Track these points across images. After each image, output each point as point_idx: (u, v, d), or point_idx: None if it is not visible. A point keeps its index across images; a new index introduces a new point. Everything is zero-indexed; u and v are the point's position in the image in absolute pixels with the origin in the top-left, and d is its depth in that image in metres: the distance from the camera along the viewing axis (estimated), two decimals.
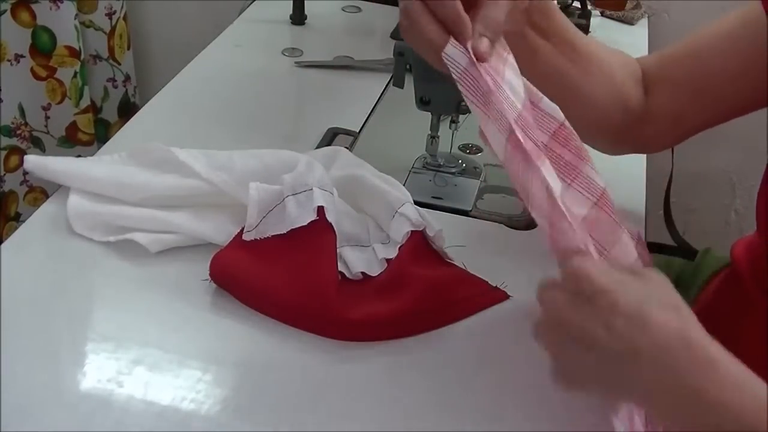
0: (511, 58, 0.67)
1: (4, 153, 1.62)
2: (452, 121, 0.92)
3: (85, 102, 1.65)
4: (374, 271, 0.76)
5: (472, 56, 0.63)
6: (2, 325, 0.69)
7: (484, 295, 0.77)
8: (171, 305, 0.73)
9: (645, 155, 0.99)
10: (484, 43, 0.64)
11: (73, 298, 0.73)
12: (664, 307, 0.52)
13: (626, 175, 0.92)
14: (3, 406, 0.62)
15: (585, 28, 1.35)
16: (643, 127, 0.82)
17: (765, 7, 0.74)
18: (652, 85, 0.82)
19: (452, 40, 0.64)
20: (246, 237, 0.76)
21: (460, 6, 0.64)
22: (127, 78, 1.76)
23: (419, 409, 0.66)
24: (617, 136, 0.84)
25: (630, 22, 1.43)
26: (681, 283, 0.98)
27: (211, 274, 0.74)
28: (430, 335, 0.73)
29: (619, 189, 0.93)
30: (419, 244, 0.77)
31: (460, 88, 0.64)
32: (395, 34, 1.28)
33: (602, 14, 1.43)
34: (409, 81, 0.92)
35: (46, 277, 0.76)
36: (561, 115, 0.66)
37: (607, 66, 0.80)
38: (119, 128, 1.01)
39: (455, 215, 0.89)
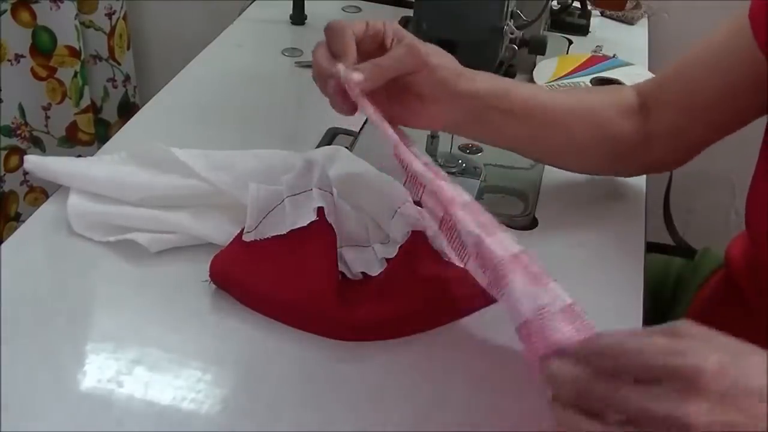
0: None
1: (4, 153, 1.63)
2: None
3: (85, 102, 1.66)
4: (374, 270, 0.76)
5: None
6: (2, 325, 0.69)
7: (484, 294, 0.77)
8: (171, 305, 0.73)
9: None
10: (355, 74, 0.70)
11: (73, 298, 0.73)
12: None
13: None
14: (3, 406, 0.62)
15: (585, 28, 1.35)
16: (648, 151, 0.85)
17: (750, 17, 0.74)
18: (651, 109, 0.83)
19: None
20: (246, 238, 0.76)
21: (348, 35, 0.72)
22: (127, 78, 1.76)
23: (419, 409, 0.66)
24: (622, 166, 0.88)
25: (630, 22, 1.43)
26: (680, 283, 0.99)
27: (210, 275, 0.74)
28: (430, 335, 0.73)
29: (619, 189, 0.94)
30: (419, 243, 0.77)
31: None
32: None
33: (602, 14, 1.43)
34: None
35: (46, 277, 0.76)
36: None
37: (584, 110, 0.84)
38: (119, 128, 1.01)
39: None
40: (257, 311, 0.73)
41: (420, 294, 0.74)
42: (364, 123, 1.04)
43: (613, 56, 1.23)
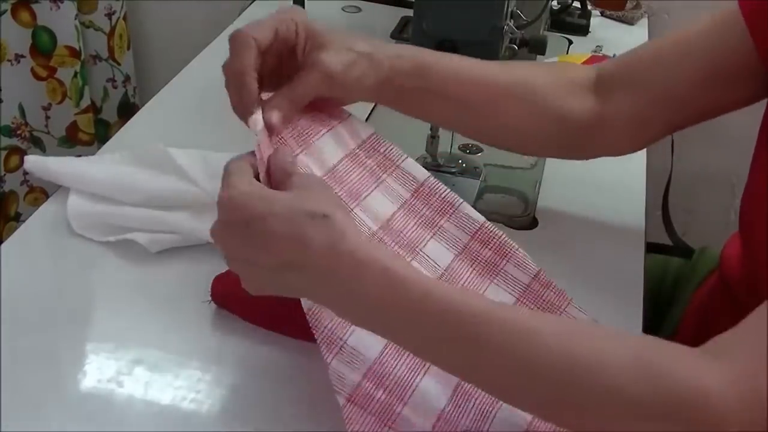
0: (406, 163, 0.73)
1: (4, 153, 1.63)
2: None
3: (85, 102, 1.66)
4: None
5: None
6: (2, 325, 0.69)
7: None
8: (171, 305, 0.73)
9: (645, 155, 1.00)
10: (274, 116, 0.68)
11: (73, 298, 0.73)
12: (314, 220, 0.56)
13: (626, 175, 0.92)
14: (3, 406, 0.62)
15: (585, 28, 1.35)
16: (602, 134, 0.82)
17: (741, 7, 0.74)
18: (611, 91, 0.81)
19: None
20: None
21: (249, 78, 0.67)
22: (127, 78, 1.76)
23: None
24: (570, 147, 0.84)
25: (630, 22, 1.43)
26: (678, 282, 0.99)
27: (212, 297, 0.73)
28: None
29: (619, 189, 0.94)
30: None
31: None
32: (395, 34, 1.28)
33: (602, 14, 1.43)
34: None
35: (46, 277, 0.76)
36: (480, 217, 0.72)
37: (522, 88, 0.80)
38: (119, 128, 1.01)
39: None
40: (263, 327, 0.72)
41: None
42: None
43: (613, 56, 1.23)
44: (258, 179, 0.61)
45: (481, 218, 0.72)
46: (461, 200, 0.73)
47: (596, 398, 0.53)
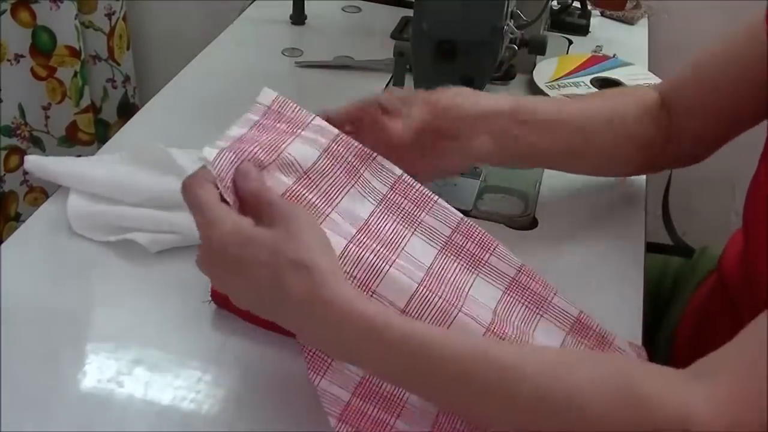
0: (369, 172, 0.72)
1: (4, 153, 1.62)
2: None
3: (85, 102, 1.66)
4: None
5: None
6: (2, 325, 0.69)
7: None
8: (171, 305, 0.73)
9: None
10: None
11: (73, 298, 0.73)
12: (295, 270, 0.56)
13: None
14: (3, 406, 0.62)
15: (585, 28, 1.35)
16: (671, 149, 0.86)
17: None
18: (669, 110, 0.85)
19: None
20: None
21: None
22: (127, 78, 1.76)
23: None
24: (647, 164, 0.88)
25: (630, 22, 1.43)
26: (678, 282, 0.99)
27: (212, 297, 0.73)
28: None
29: (619, 190, 0.94)
30: None
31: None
32: (395, 34, 1.28)
33: (602, 14, 1.43)
34: (409, 81, 0.92)
35: (46, 277, 0.76)
36: (459, 213, 0.72)
37: (608, 113, 0.84)
38: (119, 128, 1.01)
39: None
40: (264, 327, 0.72)
41: None
42: None
43: (613, 56, 1.23)
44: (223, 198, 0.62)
45: (460, 214, 0.72)
46: (437, 197, 0.72)
47: (579, 428, 0.53)
